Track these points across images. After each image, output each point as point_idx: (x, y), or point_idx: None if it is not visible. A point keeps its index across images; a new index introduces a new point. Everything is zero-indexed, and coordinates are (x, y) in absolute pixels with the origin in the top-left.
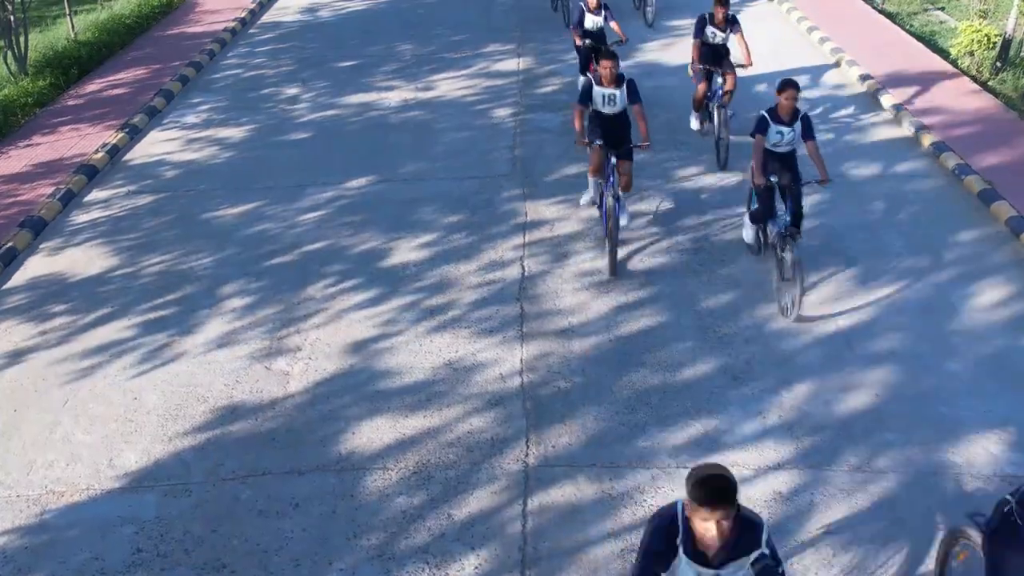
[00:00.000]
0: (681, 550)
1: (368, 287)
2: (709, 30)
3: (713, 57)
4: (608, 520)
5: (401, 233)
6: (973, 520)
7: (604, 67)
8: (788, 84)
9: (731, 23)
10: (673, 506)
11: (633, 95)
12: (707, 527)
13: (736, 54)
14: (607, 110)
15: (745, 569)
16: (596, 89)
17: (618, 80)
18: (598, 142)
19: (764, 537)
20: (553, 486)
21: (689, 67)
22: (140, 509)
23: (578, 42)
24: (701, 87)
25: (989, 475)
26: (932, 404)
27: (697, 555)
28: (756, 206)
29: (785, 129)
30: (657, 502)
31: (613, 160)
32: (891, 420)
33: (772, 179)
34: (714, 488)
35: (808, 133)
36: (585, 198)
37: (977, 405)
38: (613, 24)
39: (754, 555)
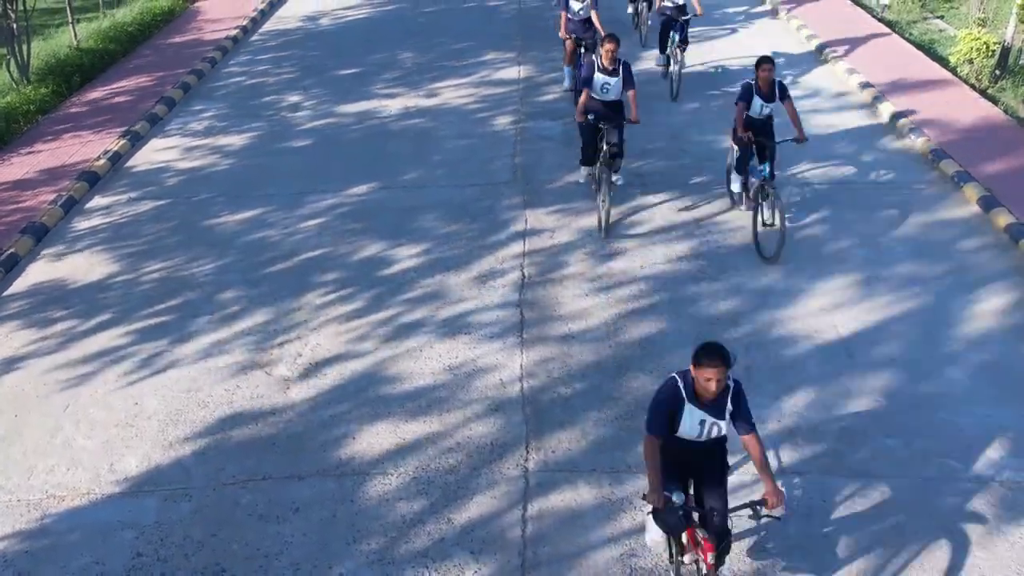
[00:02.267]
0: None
1: (368, 293)
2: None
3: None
4: (608, 525)
5: (402, 240)
6: None
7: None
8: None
9: None
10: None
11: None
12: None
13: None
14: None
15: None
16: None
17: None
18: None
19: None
20: (553, 491)
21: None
22: (140, 514)
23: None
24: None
25: (989, 481)
26: (932, 410)
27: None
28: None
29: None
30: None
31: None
32: (891, 426)
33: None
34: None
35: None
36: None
37: (977, 411)
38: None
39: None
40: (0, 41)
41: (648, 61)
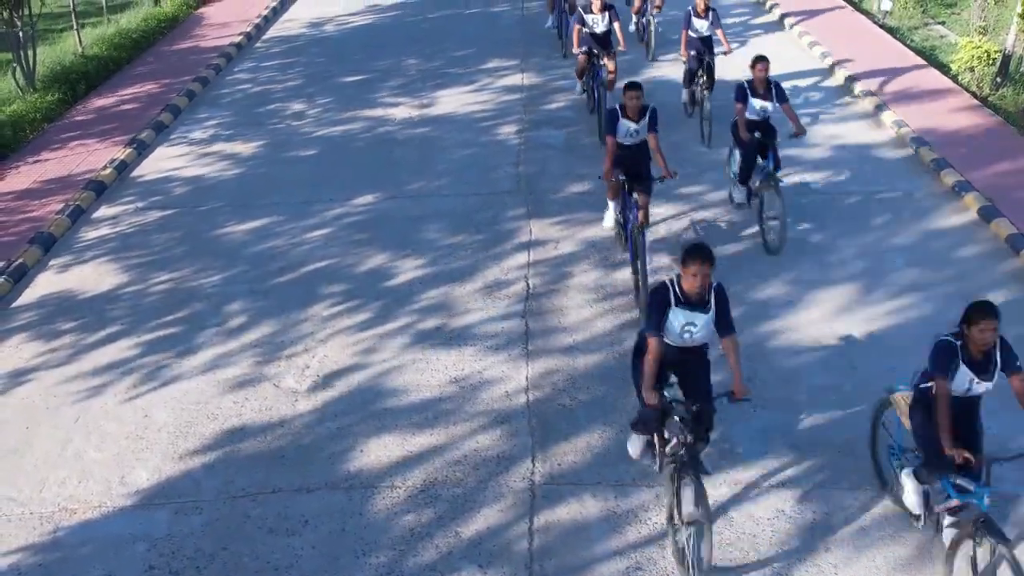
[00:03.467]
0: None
1: (374, 305)
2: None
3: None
4: (613, 538)
5: (407, 251)
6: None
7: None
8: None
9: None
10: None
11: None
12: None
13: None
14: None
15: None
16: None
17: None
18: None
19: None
20: (559, 504)
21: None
22: (152, 526)
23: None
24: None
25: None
26: None
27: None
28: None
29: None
30: (662, 520)
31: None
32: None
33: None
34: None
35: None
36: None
37: None
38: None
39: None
40: (5, 48)
41: (655, 71)
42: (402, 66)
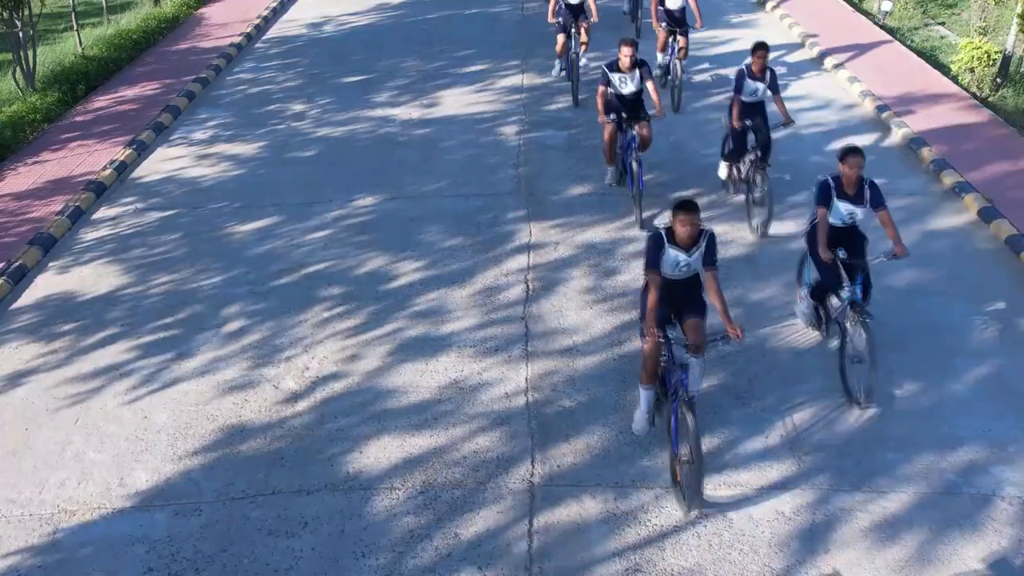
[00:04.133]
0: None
1: (374, 306)
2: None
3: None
4: (613, 539)
5: (407, 252)
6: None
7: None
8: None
9: None
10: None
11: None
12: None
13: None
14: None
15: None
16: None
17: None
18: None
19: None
20: (559, 505)
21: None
22: (151, 528)
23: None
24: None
25: (988, 495)
26: (932, 423)
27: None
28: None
29: (759, 85)
30: (661, 522)
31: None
32: (892, 439)
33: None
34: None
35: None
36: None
37: (977, 424)
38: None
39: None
40: (6, 48)
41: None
42: (402, 67)
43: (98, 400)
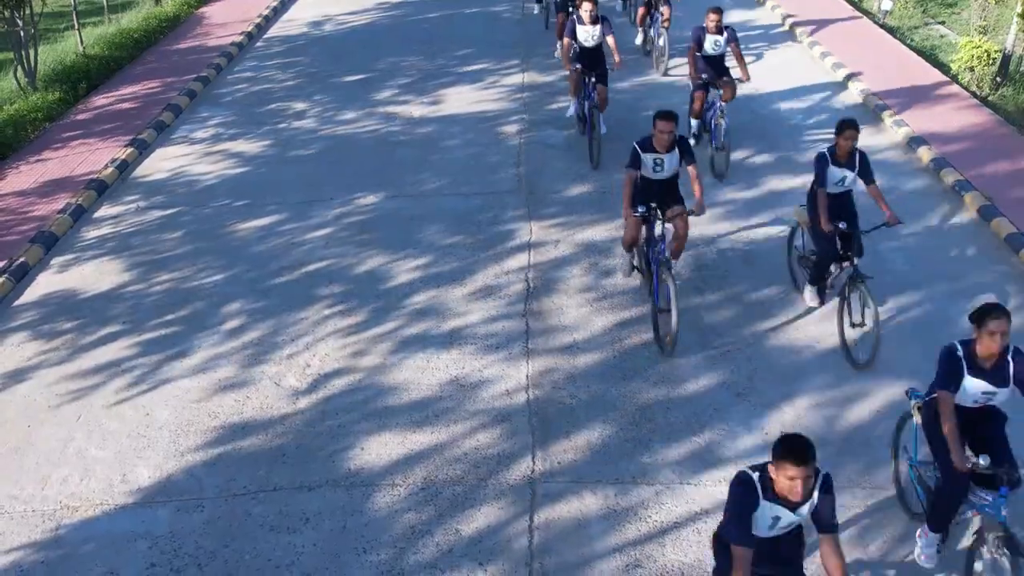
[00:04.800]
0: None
1: (375, 304)
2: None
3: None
4: (613, 535)
5: (408, 250)
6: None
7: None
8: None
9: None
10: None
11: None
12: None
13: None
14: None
15: (676, 153)
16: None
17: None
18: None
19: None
20: (559, 502)
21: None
22: (153, 524)
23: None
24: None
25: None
26: None
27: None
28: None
29: (720, 38)
30: (661, 518)
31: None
32: (891, 436)
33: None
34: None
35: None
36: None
37: None
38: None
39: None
40: (7, 47)
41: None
42: (403, 66)
43: (100, 397)
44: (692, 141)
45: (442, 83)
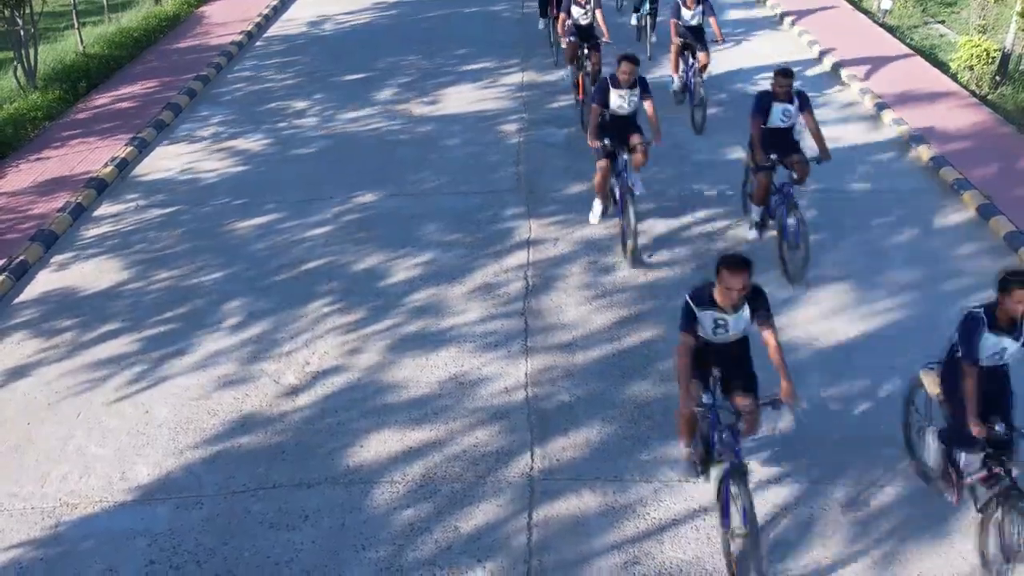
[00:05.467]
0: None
1: (374, 302)
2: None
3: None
4: (612, 533)
5: (407, 249)
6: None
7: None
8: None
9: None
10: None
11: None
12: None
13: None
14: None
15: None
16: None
17: None
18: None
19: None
20: (558, 499)
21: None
22: (153, 521)
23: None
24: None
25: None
26: None
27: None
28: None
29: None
30: (660, 515)
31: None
32: (891, 435)
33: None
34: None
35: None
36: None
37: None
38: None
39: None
40: (7, 46)
41: (656, 72)
42: (402, 65)
43: (99, 395)
44: (753, 234)
45: (442, 82)
